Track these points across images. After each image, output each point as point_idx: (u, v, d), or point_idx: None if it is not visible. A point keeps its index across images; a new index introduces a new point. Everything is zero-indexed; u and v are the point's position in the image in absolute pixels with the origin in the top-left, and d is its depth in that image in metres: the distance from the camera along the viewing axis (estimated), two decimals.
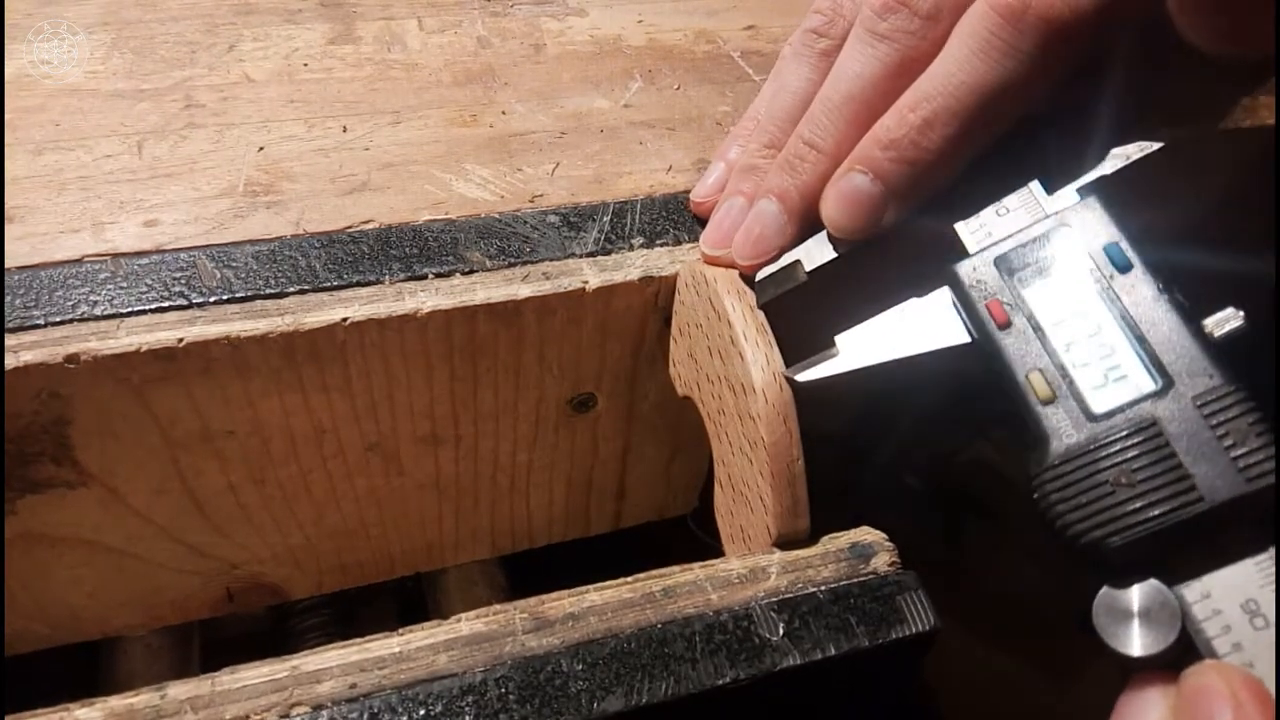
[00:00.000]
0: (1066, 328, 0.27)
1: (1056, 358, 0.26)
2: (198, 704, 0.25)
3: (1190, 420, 0.24)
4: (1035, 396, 0.26)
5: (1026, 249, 0.28)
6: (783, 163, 0.32)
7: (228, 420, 0.33)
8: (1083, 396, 0.26)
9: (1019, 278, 0.28)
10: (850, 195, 0.30)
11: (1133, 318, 0.26)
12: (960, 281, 0.29)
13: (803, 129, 0.32)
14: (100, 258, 0.33)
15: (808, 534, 0.31)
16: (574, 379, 0.37)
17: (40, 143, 0.37)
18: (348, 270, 0.33)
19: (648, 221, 0.37)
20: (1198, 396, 0.24)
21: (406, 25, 0.45)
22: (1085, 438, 0.25)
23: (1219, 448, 0.24)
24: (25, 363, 0.29)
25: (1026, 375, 0.26)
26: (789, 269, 0.32)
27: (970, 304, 0.28)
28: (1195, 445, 0.24)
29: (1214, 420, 0.24)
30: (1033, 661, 0.68)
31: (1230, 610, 0.23)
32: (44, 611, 0.38)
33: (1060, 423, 0.25)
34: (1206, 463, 0.23)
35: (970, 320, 0.28)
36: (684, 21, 0.47)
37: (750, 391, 0.30)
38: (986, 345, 0.28)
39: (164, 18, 0.43)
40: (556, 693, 0.26)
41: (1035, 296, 0.27)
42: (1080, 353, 0.26)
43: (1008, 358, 0.27)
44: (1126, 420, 0.25)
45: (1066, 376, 0.26)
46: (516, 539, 0.45)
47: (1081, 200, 0.28)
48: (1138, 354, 0.26)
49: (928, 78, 0.28)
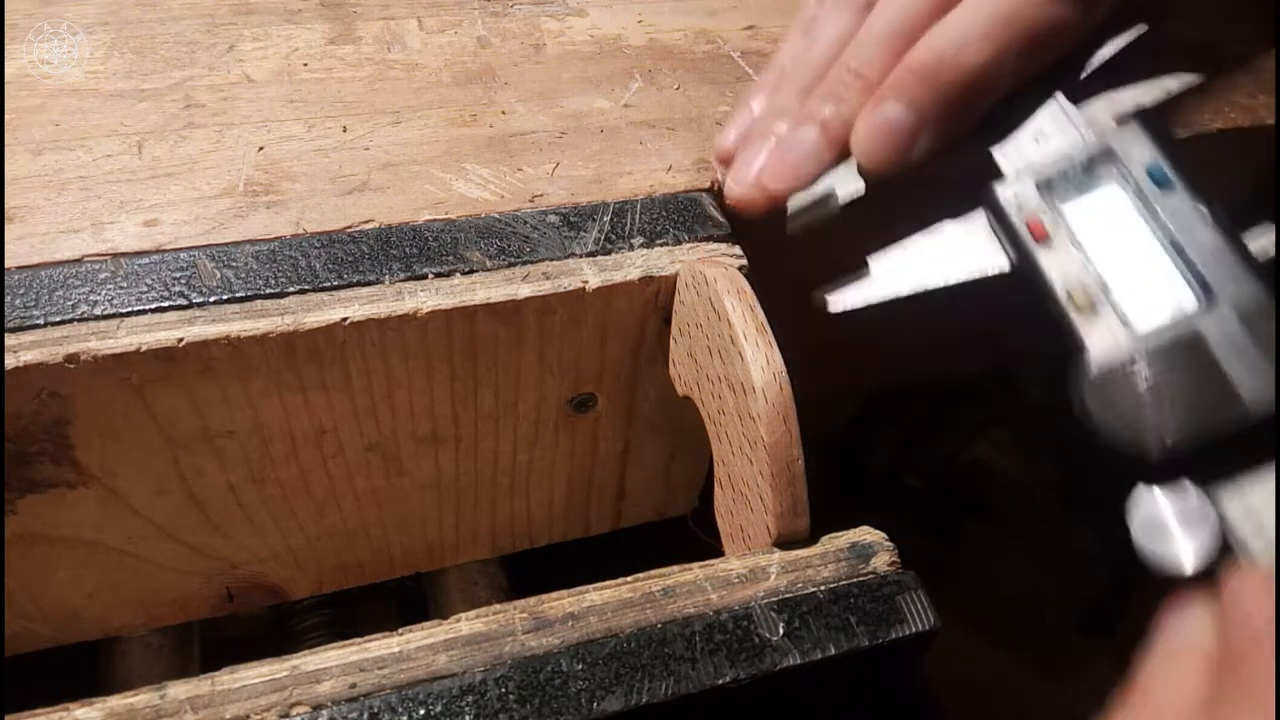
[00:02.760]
0: (1107, 244, 0.27)
1: (1097, 272, 0.26)
2: (198, 704, 0.25)
3: (1232, 331, 0.24)
4: (1076, 309, 0.26)
5: (1066, 170, 0.28)
6: (825, 91, 0.31)
7: (228, 420, 0.33)
8: (1124, 310, 0.26)
9: (1059, 196, 0.28)
10: (882, 126, 0.29)
11: (1174, 233, 0.26)
12: (998, 202, 0.28)
13: (848, 58, 0.31)
14: (100, 258, 0.33)
15: (808, 534, 0.31)
16: (574, 379, 0.37)
17: (40, 143, 0.37)
18: (348, 270, 0.33)
19: (648, 221, 0.37)
20: (1240, 308, 0.24)
21: (406, 25, 0.45)
22: (1128, 349, 0.25)
23: (1260, 356, 0.24)
24: (25, 363, 0.29)
25: (1067, 290, 0.26)
26: (823, 200, 0.31)
27: (1008, 223, 0.28)
28: (1237, 354, 0.24)
29: (1256, 331, 0.24)
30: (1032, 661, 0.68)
31: (1270, 520, 0.22)
32: (44, 611, 0.38)
33: (1100, 335, 0.25)
34: (1248, 371, 0.24)
35: (1009, 241, 0.28)
36: (684, 21, 0.47)
37: (750, 391, 0.30)
38: (1024, 263, 0.27)
39: (164, 18, 0.43)
40: (556, 693, 0.26)
41: (1075, 214, 0.27)
42: (1121, 267, 0.26)
43: (1047, 273, 0.27)
44: (1169, 331, 0.25)
45: (1107, 290, 0.26)
46: (516, 539, 0.45)
47: (1122, 126, 0.28)
48: (1179, 268, 0.26)
49: (961, 8, 0.28)
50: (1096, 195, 0.28)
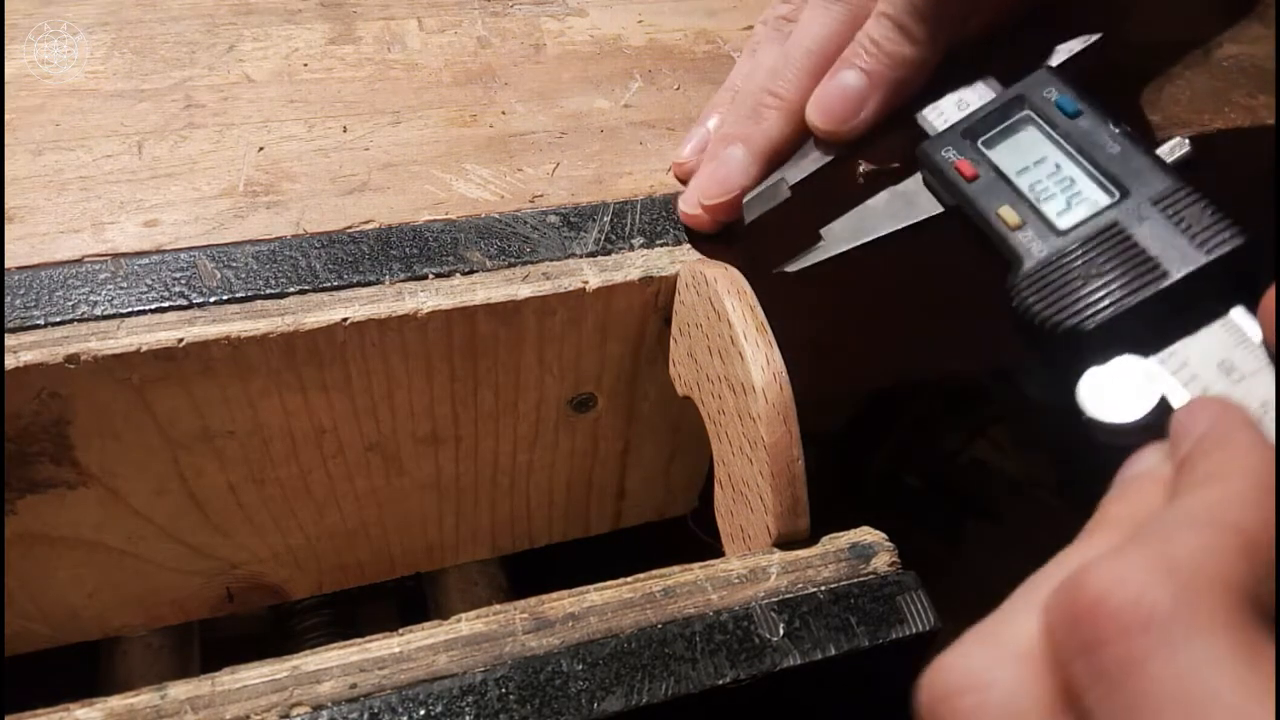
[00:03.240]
0: (1028, 173, 0.30)
1: (1022, 194, 0.30)
2: (198, 704, 0.25)
3: (1148, 216, 0.27)
4: (1006, 226, 0.29)
5: (986, 119, 0.32)
6: (748, 112, 0.35)
7: (228, 420, 0.33)
8: (1048, 218, 0.29)
9: (983, 141, 0.31)
10: (837, 90, 0.33)
11: (1086, 150, 0.29)
12: (928, 155, 0.32)
13: (766, 82, 0.35)
14: (100, 258, 0.33)
15: (808, 534, 0.31)
16: (574, 379, 0.37)
17: (40, 143, 0.37)
18: (348, 270, 0.33)
19: (648, 221, 0.37)
20: (1154, 197, 0.27)
21: (406, 25, 0.45)
22: (1054, 248, 0.28)
23: (1177, 232, 0.26)
24: (25, 363, 0.29)
25: (998, 213, 0.29)
26: (773, 186, 0.34)
27: (939, 170, 0.31)
28: (1155, 234, 0.27)
29: (1170, 213, 0.27)
30: None
31: (1207, 372, 0.24)
32: (44, 611, 0.38)
33: (1030, 242, 0.28)
34: (1167, 245, 0.26)
35: (942, 187, 0.32)
36: (684, 21, 0.47)
37: (750, 391, 0.30)
38: (959, 200, 0.31)
39: (164, 18, 0.43)
40: (556, 693, 0.26)
41: (998, 154, 0.31)
42: (1042, 188, 0.30)
43: (978, 202, 0.30)
44: (1090, 227, 0.28)
45: (1032, 207, 0.29)
46: (516, 539, 0.45)
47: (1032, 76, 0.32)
48: (1093, 177, 0.29)
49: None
50: (1013, 131, 0.31)
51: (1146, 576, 0.17)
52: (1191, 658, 0.16)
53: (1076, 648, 0.18)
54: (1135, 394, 0.24)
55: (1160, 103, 0.43)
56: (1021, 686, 0.18)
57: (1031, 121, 0.31)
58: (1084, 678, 0.17)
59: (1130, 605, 0.17)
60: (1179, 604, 0.17)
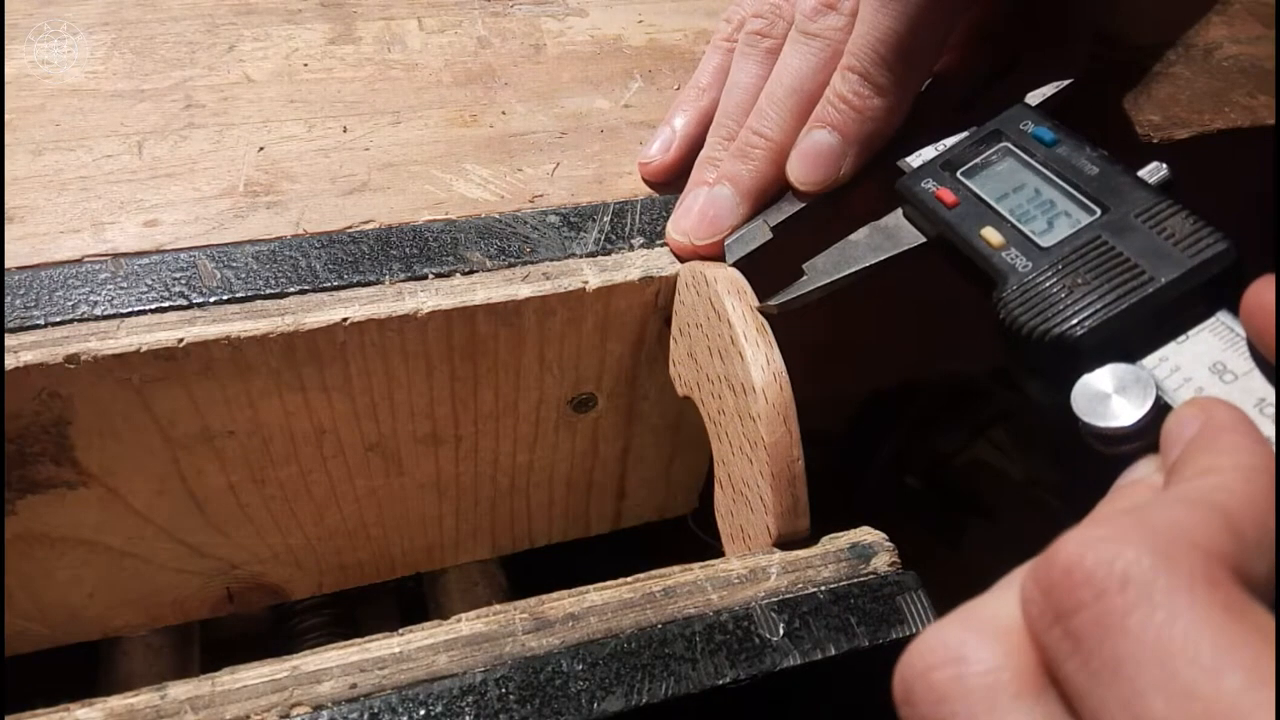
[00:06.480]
0: (1009, 199, 0.30)
1: (1003, 217, 0.30)
2: (198, 704, 0.25)
3: (1132, 227, 0.27)
4: (989, 246, 0.29)
5: (965, 151, 0.32)
6: (736, 152, 0.36)
7: (228, 420, 0.33)
8: (1030, 237, 0.29)
9: (962, 172, 0.32)
10: (812, 150, 0.34)
11: (1066, 175, 0.30)
12: (908, 187, 0.32)
13: (752, 121, 0.36)
14: (100, 258, 0.33)
15: (808, 534, 0.31)
16: (574, 379, 0.37)
17: (40, 143, 0.37)
18: (348, 270, 0.33)
19: (648, 221, 0.37)
20: (1136, 211, 0.27)
21: (406, 25, 0.45)
22: (1038, 264, 0.28)
23: (1161, 241, 0.26)
24: (25, 363, 0.29)
25: (979, 233, 0.30)
26: (755, 228, 0.35)
27: (920, 200, 0.32)
28: (1139, 243, 0.27)
29: (1153, 224, 0.27)
30: None
31: (1199, 375, 0.24)
32: (44, 611, 0.38)
33: (1014, 259, 0.29)
34: (1152, 253, 0.26)
35: (923, 216, 0.32)
36: (684, 21, 0.47)
37: (750, 391, 0.30)
38: (942, 228, 0.31)
39: (164, 18, 0.43)
40: (556, 693, 0.26)
41: (977, 182, 0.31)
42: (1023, 211, 0.30)
43: (960, 227, 0.30)
44: (1074, 242, 0.28)
45: (1014, 228, 0.29)
46: (516, 539, 0.45)
47: (1008, 111, 0.33)
48: (1073, 198, 0.29)
49: (851, 41, 0.33)
50: (991, 162, 0.32)
51: (1123, 540, 0.17)
52: (1173, 614, 0.16)
53: (1052, 616, 0.17)
54: (1129, 399, 0.24)
55: (1160, 103, 0.43)
56: (999, 660, 0.18)
57: (1010, 153, 0.32)
58: (1061, 646, 0.17)
59: (1105, 566, 0.17)
60: (1158, 561, 0.17)
